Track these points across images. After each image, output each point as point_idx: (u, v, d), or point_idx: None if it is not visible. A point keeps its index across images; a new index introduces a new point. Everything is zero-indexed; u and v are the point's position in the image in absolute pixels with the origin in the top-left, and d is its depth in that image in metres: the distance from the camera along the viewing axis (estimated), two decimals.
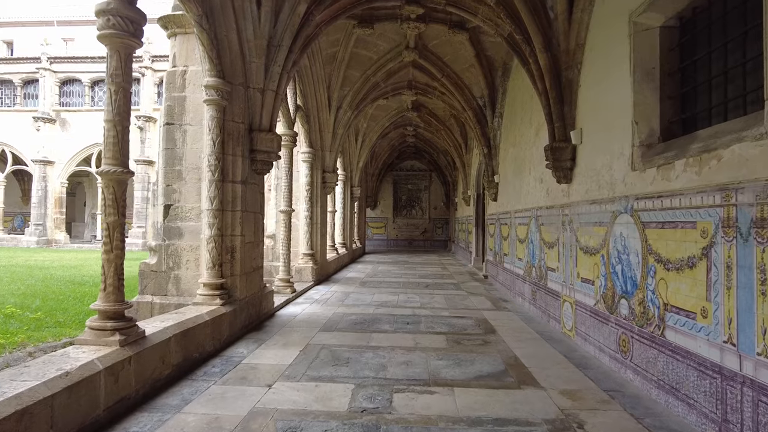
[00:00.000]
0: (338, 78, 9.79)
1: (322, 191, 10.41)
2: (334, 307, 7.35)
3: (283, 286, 8.16)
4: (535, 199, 7.27)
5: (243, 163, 5.66)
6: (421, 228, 24.85)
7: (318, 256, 10.28)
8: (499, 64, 9.34)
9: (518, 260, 8.29)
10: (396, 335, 5.60)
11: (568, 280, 5.74)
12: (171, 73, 5.93)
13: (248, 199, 5.81)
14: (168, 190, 5.85)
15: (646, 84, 4.09)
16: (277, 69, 5.88)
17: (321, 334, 5.64)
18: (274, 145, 5.93)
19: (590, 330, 5.00)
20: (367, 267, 14.11)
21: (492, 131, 10.27)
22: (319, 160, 10.25)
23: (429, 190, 24.84)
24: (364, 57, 9.74)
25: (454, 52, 9.54)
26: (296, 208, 10.15)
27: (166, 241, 5.84)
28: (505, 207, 9.62)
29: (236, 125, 5.58)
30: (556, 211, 6.21)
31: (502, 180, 9.90)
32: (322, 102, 9.92)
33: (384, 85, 11.12)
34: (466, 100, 10.37)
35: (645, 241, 3.89)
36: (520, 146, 8.39)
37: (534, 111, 7.40)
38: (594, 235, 4.98)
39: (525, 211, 7.88)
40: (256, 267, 6.11)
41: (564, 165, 5.66)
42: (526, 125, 7.93)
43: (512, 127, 9.03)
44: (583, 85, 5.43)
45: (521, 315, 7.03)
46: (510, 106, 9.28)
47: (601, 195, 4.82)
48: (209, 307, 5.12)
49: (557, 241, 6.18)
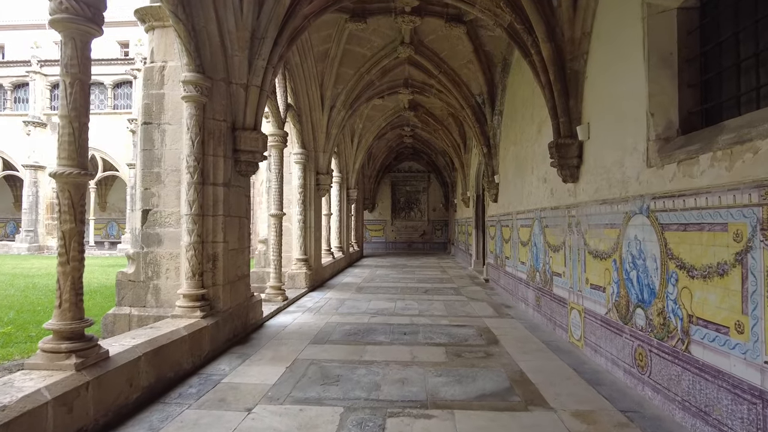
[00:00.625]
0: (331, 76, 9.41)
1: (315, 194, 10.03)
2: (327, 316, 6.96)
3: (274, 293, 7.76)
4: (539, 200, 6.89)
5: (225, 164, 5.27)
6: (420, 230, 24.44)
7: (312, 261, 9.89)
8: (499, 60, 8.97)
9: (521, 264, 7.90)
10: (392, 348, 5.20)
11: (576, 287, 5.35)
12: (149, 69, 5.55)
13: (232, 202, 5.42)
14: (146, 194, 5.47)
15: (663, 71, 3.71)
16: (261, 63, 5.50)
17: (311, 347, 5.24)
18: (259, 145, 5.54)
19: (601, 341, 4.61)
20: (364, 271, 13.72)
21: (491, 130, 9.89)
22: (312, 162, 9.86)
23: (428, 192, 24.44)
24: (357, 54, 9.37)
25: (452, 47, 9.16)
26: (289, 211, 9.77)
27: (144, 249, 5.45)
28: (506, 208, 9.24)
29: (217, 123, 5.20)
30: (562, 213, 5.82)
31: (503, 180, 9.52)
32: (315, 101, 9.55)
33: (379, 84, 10.75)
34: (465, 97, 9.99)
35: (664, 244, 3.51)
36: (521, 144, 8.01)
37: (536, 107, 7.02)
38: (604, 238, 4.59)
39: (528, 213, 7.49)
40: (241, 275, 5.71)
41: (570, 163, 5.28)
42: (527, 122, 7.55)
43: (513, 125, 8.66)
44: (589, 76, 5.05)
45: (525, 322, 6.64)
46: (510, 103, 8.91)
47: (612, 194, 4.43)
48: (189, 320, 4.73)
49: (563, 244, 5.79)
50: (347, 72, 9.69)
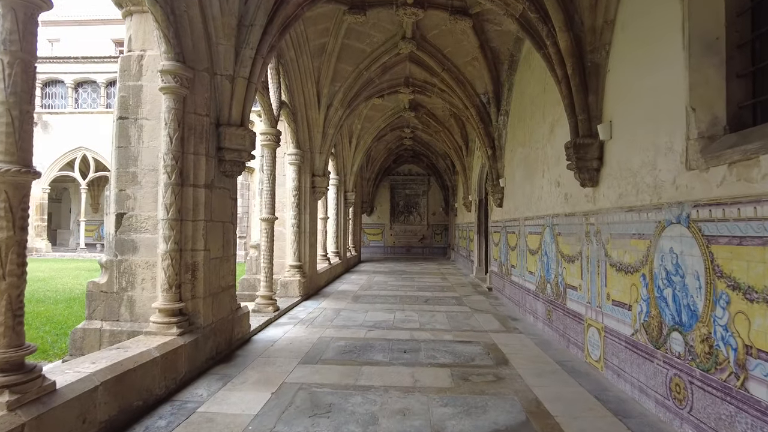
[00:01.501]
0: (328, 72, 8.92)
1: (311, 197, 9.52)
2: (321, 330, 6.43)
3: (264, 304, 7.23)
4: (550, 206, 6.38)
5: (208, 163, 4.76)
6: (420, 234, 23.90)
7: (307, 267, 9.37)
8: (505, 57, 8.48)
9: (529, 274, 7.39)
10: (391, 369, 4.68)
11: (595, 302, 4.84)
12: (125, 59, 5.05)
13: (215, 206, 4.91)
14: (121, 196, 4.95)
15: (707, 59, 3.21)
16: (249, 53, 5.00)
17: (301, 368, 4.72)
18: (246, 143, 5.03)
19: (626, 365, 4.09)
20: (361, 278, 13.19)
21: (496, 131, 9.40)
22: (307, 163, 9.35)
23: (427, 196, 23.92)
24: (356, 49, 8.88)
25: (456, 43, 8.68)
26: (282, 215, 9.26)
27: (118, 257, 4.92)
28: (512, 214, 8.74)
29: (199, 118, 4.69)
30: (578, 220, 5.32)
31: (509, 184, 9.02)
32: (311, 99, 9.05)
33: (379, 82, 10.25)
34: (468, 96, 9.50)
35: (710, 260, 3.00)
36: (530, 146, 7.51)
37: (548, 105, 6.53)
38: (631, 250, 4.09)
39: (537, 219, 6.98)
40: (225, 286, 5.19)
41: (589, 165, 4.78)
42: (537, 122, 7.06)
43: (520, 126, 8.16)
44: (612, 69, 4.56)
45: (535, 338, 6.12)
46: (517, 103, 8.41)
47: (641, 201, 3.93)
48: (164, 337, 4.21)
49: (579, 254, 5.28)
50: (345, 69, 9.20)
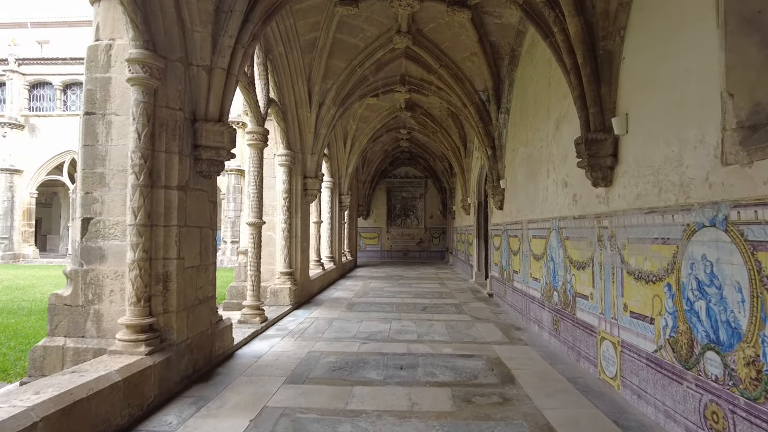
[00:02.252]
0: (319, 69, 8.48)
1: (303, 200, 9.06)
2: (311, 343, 5.97)
3: (251, 314, 6.77)
4: (557, 208, 5.95)
5: (182, 162, 4.31)
6: (417, 238, 23.43)
7: (298, 274, 8.90)
8: (506, 51, 8.06)
9: (533, 280, 6.95)
10: (385, 390, 4.22)
11: (609, 313, 4.40)
12: (92, 49, 4.59)
13: (190, 209, 4.45)
14: (87, 200, 4.48)
15: (747, 38, 2.79)
16: (228, 41, 4.55)
17: (286, 388, 4.25)
18: (224, 140, 4.58)
19: (649, 385, 3.65)
20: (357, 283, 12.73)
21: (497, 129, 8.97)
22: (299, 164, 8.90)
23: (425, 199, 23.47)
24: (349, 44, 8.45)
25: (454, 37, 8.26)
26: (272, 219, 8.82)
27: (84, 266, 4.46)
28: (513, 216, 8.30)
29: (172, 113, 4.24)
30: (589, 223, 4.88)
31: (510, 185, 8.59)
32: (302, 97, 8.61)
33: (373, 80, 9.82)
34: (467, 94, 9.07)
35: (756, 269, 2.56)
36: (533, 145, 7.08)
37: (553, 100, 6.11)
38: (652, 256, 3.65)
39: (542, 222, 6.55)
40: (203, 298, 4.73)
41: (602, 163, 4.34)
42: (541, 119, 6.63)
43: (522, 124, 7.74)
44: (628, 57, 4.13)
45: (541, 350, 5.67)
46: (519, 99, 7.99)
47: (665, 201, 3.49)
48: (130, 357, 3.75)
49: (590, 260, 4.85)
50: (338, 65, 8.76)
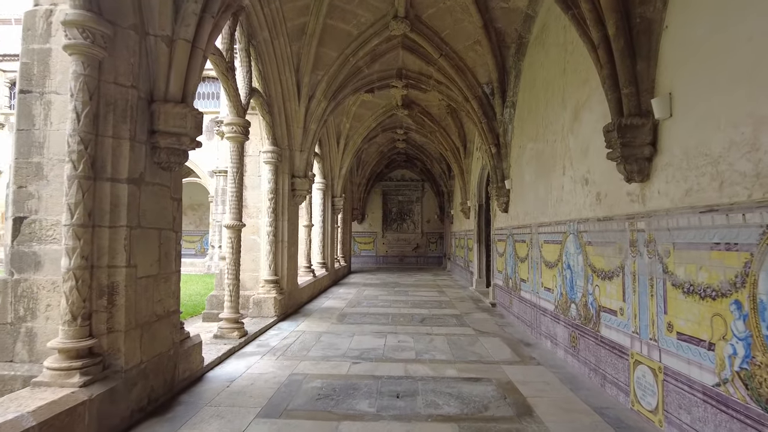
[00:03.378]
0: (309, 58, 7.77)
1: (290, 201, 8.32)
2: (294, 363, 5.22)
3: (228, 328, 6.01)
4: (575, 209, 5.24)
5: (134, 150, 3.57)
6: (413, 243, 22.66)
7: (285, 282, 8.15)
8: (512, 39, 7.39)
9: (545, 290, 6.23)
10: (379, 427, 3.47)
11: (646, 332, 3.68)
12: (30, 15, 3.85)
13: (146, 207, 3.71)
14: (20, 195, 3.73)
15: None
16: (193, 7, 3.83)
17: (258, 424, 3.50)
18: (187, 125, 3.85)
19: (707, 427, 2.93)
20: (350, 291, 11.97)
21: (501, 126, 8.28)
22: (286, 162, 8.17)
23: (421, 202, 22.72)
24: (340, 31, 7.75)
25: (455, 24, 7.58)
26: (257, 222, 8.08)
27: (15, 275, 3.69)
28: (520, 219, 7.59)
29: (122, 90, 3.51)
30: (618, 225, 4.17)
31: (516, 186, 7.89)
32: (289, 88, 7.89)
33: (368, 72, 9.13)
34: (470, 87, 8.38)
35: None
36: (544, 140, 6.39)
37: (569, 88, 5.42)
38: (712, 266, 2.94)
39: (556, 225, 5.84)
40: (164, 313, 3.98)
41: (639, 153, 3.64)
42: (554, 110, 5.94)
43: (531, 118, 7.05)
44: (673, 24, 3.44)
45: (559, 372, 4.95)
46: (527, 91, 7.31)
47: (730, 197, 2.78)
48: (59, 390, 3.01)
49: (620, 269, 4.13)
50: (329, 54, 8.06)
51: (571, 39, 5.32)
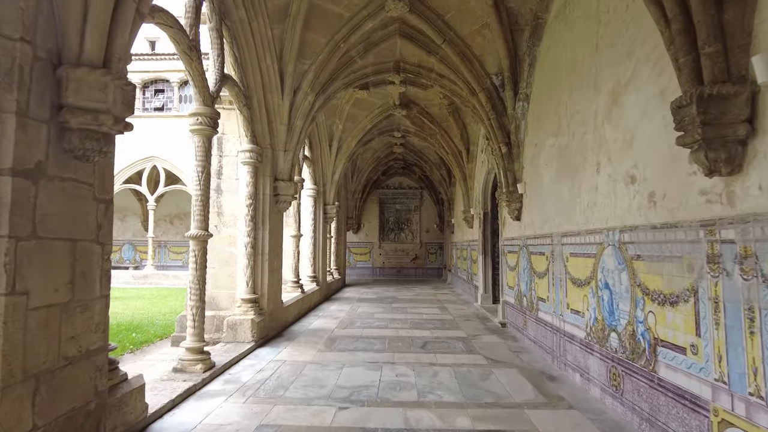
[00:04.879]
0: (293, 43, 6.80)
1: (273, 208, 7.29)
2: (267, 407, 4.15)
3: (190, 360, 4.94)
4: (615, 214, 4.23)
5: (26, 130, 2.55)
6: (412, 254, 21.55)
7: (266, 301, 7.08)
8: (526, 21, 6.44)
9: (572, 313, 5.20)
10: None
11: (741, 384, 2.65)
12: None
13: (48, 210, 2.68)
14: None
15: None
16: None
17: None
18: (109, 98, 2.82)
19: None
20: (343, 308, 10.89)
21: (513, 121, 7.30)
22: (268, 163, 7.16)
23: (420, 211, 21.67)
24: (329, 13, 6.78)
25: (461, 4, 6.63)
26: (234, 232, 7.06)
27: None
28: (537, 228, 6.58)
29: (8, 45, 2.49)
30: (687, 234, 3.16)
31: (532, 189, 6.89)
32: (271, 79, 6.90)
33: (361, 63, 8.17)
34: (476, 78, 7.42)
35: None
36: (569, 133, 5.41)
37: (604, 68, 4.44)
38: None
39: (588, 235, 4.82)
40: (80, 354, 2.92)
41: (730, 134, 2.64)
42: (583, 95, 4.96)
43: (550, 110, 6.07)
44: None
45: (597, 419, 3.90)
46: (545, 80, 6.34)
47: None
48: None
49: (689, 292, 3.11)
50: (316, 40, 7.09)
51: (607, 5, 4.36)
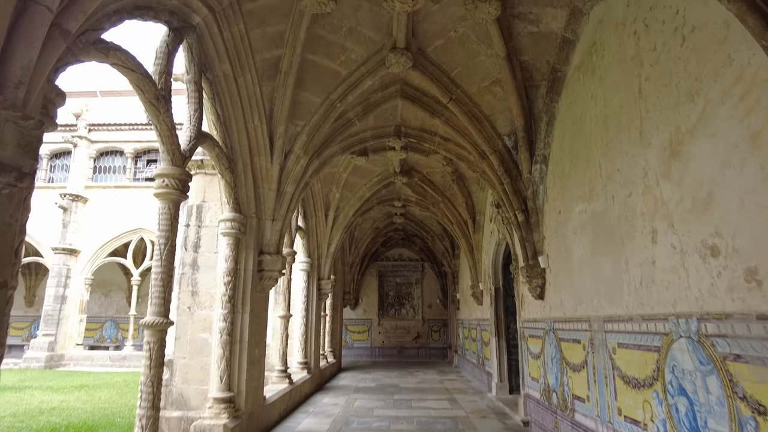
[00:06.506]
0: (284, 102, 6.15)
1: (256, 286, 6.28)
2: None
3: None
4: (688, 295, 3.25)
5: None
6: (414, 332, 20.01)
7: (243, 399, 5.86)
8: (543, 76, 5.83)
9: (626, 422, 4.04)
10: None
11: None
12: None
13: None
14: None
15: None
16: None
17: None
18: None
19: None
20: (337, 401, 9.47)
21: (530, 186, 6.50)
22: (252, 234, 6.25)
23: (421, 285, 20.44)
24: (325, 69, 6.19)
25: (469, 59, 6.05)
26: (210, 314, 6.03)
27: None
28: (568, 310, 5.55)
29: None
30: None
31: (558, 263, 5.94)
32: (259, 140, 6.18)
33: (360, 126, 7.53)
34: (487, 139, 6.72)
35: None
36: (605, 197, 4.55)
37: (653, 114, 3.68)
38: None
39: (644, 321, 3.80)
40: None
41: None
42: (625, 151, 4.16)
43: (578, 171, 5.28)
44: None
45: None
46: (568, 138, 5.61)
47: None
48: None
49: None
50: (311, 99, 6.46)
51: (652, 43, 3.67)
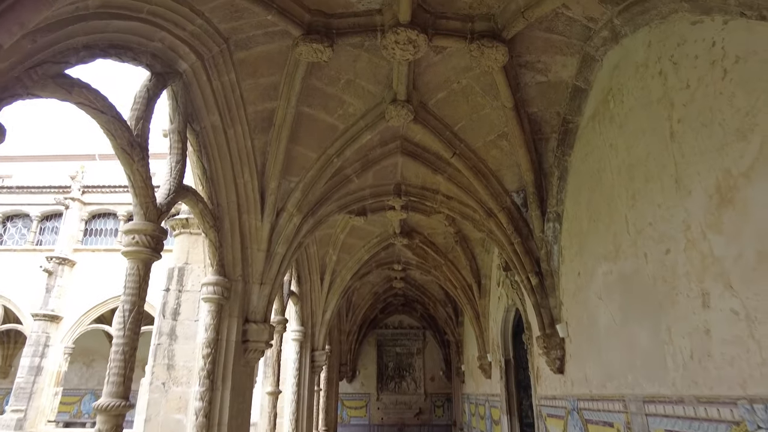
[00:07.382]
0: (277, 157, 5.75)
1: (239, 359, 5.55)
2: None
3: None
4: (762, 373, 2.63)
5: None
6: (415, 408, 18.55)
7: None
8: (552, 128, 5.50)
9: None
10: None
11: None
12: None
13: None
14: None
15: None
16: None
17: None
18: None
19: None
20: None
21: (543, 246, 5.98)
22: (237, 300, 5.61)
23: (423, 355, 19.27)
24: (321, 123, 5.86)
25: (473, 112, 5.75)
26: (186, 391, 5.28)
27: None
28: (596, 386, 4.83)
29: None
30: None
31: (580, 332, 5.28)
32: (249, 196, 5.72)
33: (359, 183, 7.11)
34: (494, 196, 6.28)
35: None
36: (635, 255, 4.02)
37: (688, 160, 3.24)
38: None
39: (700, 405, 3.12)
40: None
41: None
42: (658, 203, 3.68)
43: (599, 228, 4.78)
44: None
45: None
46: (585, 193, 5.16)
47: None
48: None
49: None
50: (305, 154, 6.08)
51: (684, 80, 3.30)
